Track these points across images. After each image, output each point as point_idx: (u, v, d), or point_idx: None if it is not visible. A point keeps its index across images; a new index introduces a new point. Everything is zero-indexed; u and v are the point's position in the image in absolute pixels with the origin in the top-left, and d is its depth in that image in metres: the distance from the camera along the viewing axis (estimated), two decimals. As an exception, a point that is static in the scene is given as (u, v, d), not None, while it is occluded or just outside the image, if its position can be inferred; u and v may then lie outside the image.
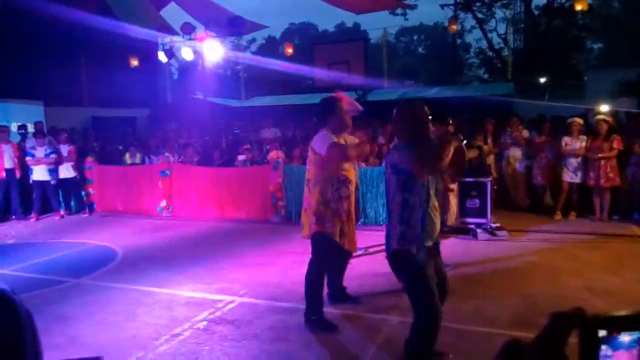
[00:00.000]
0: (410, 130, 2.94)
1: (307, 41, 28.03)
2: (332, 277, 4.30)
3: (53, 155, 9.06)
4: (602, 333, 0.93)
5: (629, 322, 0.95)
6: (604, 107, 9.49)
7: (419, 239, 2.83)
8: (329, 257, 3.92)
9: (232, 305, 4.51)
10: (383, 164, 3.11)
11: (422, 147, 2.82)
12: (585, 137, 7.56)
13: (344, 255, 4.13)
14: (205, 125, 12.89)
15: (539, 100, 14.17)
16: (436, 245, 2.99)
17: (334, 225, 3.77)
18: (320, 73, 13.85)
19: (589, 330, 0.94)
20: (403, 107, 3.03)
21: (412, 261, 2.83)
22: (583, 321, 0.95)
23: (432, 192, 2.91)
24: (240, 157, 9.39)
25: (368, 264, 5.39)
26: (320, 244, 3.84)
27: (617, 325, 0.94)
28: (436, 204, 2.94)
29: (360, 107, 4.31)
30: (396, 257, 2.90)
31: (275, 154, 8.39)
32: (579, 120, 7.80)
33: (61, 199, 9.40)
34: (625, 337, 0.93)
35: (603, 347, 0.93)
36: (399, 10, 26.50)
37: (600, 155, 7.29)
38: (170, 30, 12.78)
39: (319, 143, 3.77)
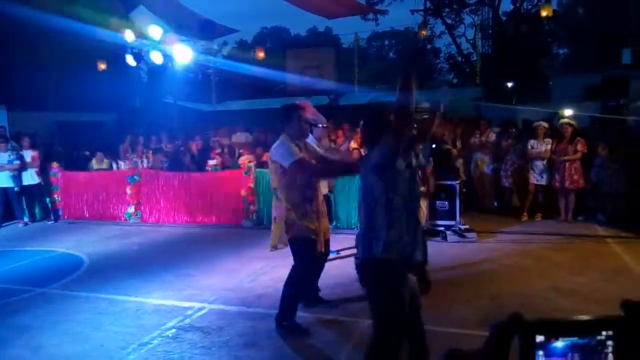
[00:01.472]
0: (381, 136, 2.71)
1: (280, 45, 28.01)
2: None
3: (17, 162, 8.79)
4: (539, 338, 0.94)
5: (564, 328, 0.96)
6: (569, 111, 9.74)
7: (405, 247, 2.57)
8: (310, 259, 3.89)
9: (202, 312, 4.44)
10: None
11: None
12: (550, 140, 7.75)
13: (320, 257, 4.11)
14: (176, 130, 12.71)
15: (507, 105, 14.48)
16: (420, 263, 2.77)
17: (306, 228, 3.76)
18: (292, 77, 13.88)
19: (527, 335, 0.95)
20: (374, 112, 2.96)
21: (392, 272, 2.56)
22: (522, 327, 0.96)
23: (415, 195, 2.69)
24: (211, 162, 9.30)
25: (340, 268, 5.39)
26: (299, 248, 3.83)
27: (554, 331, 0.95)
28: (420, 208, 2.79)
29: (324, 120, 4.34)
30: (374, 264, 2.60)
31: (247, 159, 8.34)
32: (544, 124, 8.00)
33: (25, 206, 9.12)
34: (560, 344, 0.94)
35: (540, 352, 0.94)
36: (370, 16, 26.71)
37: (565, 157, 7.49)
38: (139, 34, 12.58)
39: (278, 152, 3.77)
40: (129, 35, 11.48)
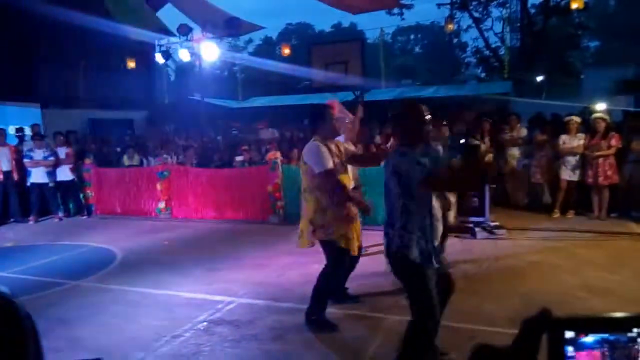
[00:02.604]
0: (410, 133, 2.85)
1: (304, 41, 28.06)
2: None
3: (51, 158, 9.05)
4: (569, 334, 0.94)
5: (594, 324, 0.96)
6: (601, 105, 9.52)
7: (418, 242, 2.76)
8: (338, 263, 3.91)
9: (231, 306, 4.51)
10: (382, 165, 3.02)
11: (437, 168, 2.74)
12: (583, 135, 7.58)
13: (351, 259, 4.12)
14: (203, 127, 12.89)
15: (536, 99, 14.20)
16: (441, 247, 2.94)
17: (335, 232, 3.75)
18: (317, 73, 13.86)
19: (556, 331, 0.95)
20: (402, 109, 2.99)
21: (411, 264, 2.77)
22: (551, 323, 0.96)
23: (434, 197, 2.83)
24: (238, 158, 9.40)
25: (368, 264, 5.39)
26: (329, 251, 3.85)
27: (584, 327, 0.95)
28: (437, 209, 2.85)
29: (351, 115, 4.36)
30: (395, 259, 2.86)
31: (273, 155, 8.40)
32: (577, 119, 7.82)
33: (59, 201, 9.39)
34: (589, 339, 0.94)
35: (569, 348, 0.94)
36: (395, 10, 26.49)
37: (598, 153, 7.31)
38: (167, 32, 12.79)
39: (310, 156, 3.78)
40: (157, 33, 11.67)
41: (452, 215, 6.50)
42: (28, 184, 9.10)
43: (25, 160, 8.99)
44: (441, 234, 2.91)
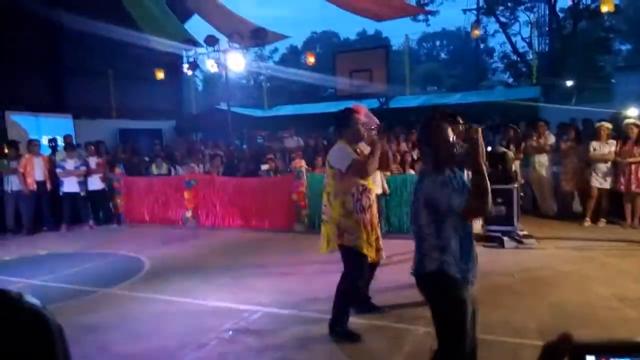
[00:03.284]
0: (436, 151, 2.55)
1: (329, 50, 28.15)
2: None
3: (83, 168, 9.29)
4: (590, 359, 0.93)
5: (616, 349, 0.94)
6: (633, 111, 9.26)
7: (459, 264, 2.50)
8: (360, 269, 3.90)
9: (256, 315, 4.53)
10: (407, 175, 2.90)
11: (468, 191, 2.46)
12: (614, 142, 7.40)
13: (371, 266, 4.11)
14: (230, 136, 13.04)
15: (566, 104, 13.90)
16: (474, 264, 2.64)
17: (359, 237, 3.76)
18: (342, 81, 13.90)
19: (577, 356, 0.94)
20: (426, 125, 2.70)
21: (452, 288, 2.50)
22: (572, 347, 0.95)
23: None
24: (264, 167, 9.47)
25: (392, 274, 5.35)
26: (349, 256, 3.84)
27: (605, 351, 0.94)
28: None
29: (377, 120, 4.33)
30: (432, 280, 2.56)
31: (298, 163, 8.44)
32: (608, 125, 7.63)
33: (90, 210, 9.61)
34: None
35: None
36: (420, 17, 26.41)
37: (630, 159, 7.12)
38: (194, 43, 13.01)
39: (336, 158, 3.81)
40: (185, 45, 11.90)
41: (478, 224, 6.42)
42: (60, 193, 9.35)
43: (58, 170, 9.25)
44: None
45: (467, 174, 3.86)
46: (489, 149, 7.62)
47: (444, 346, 2.57)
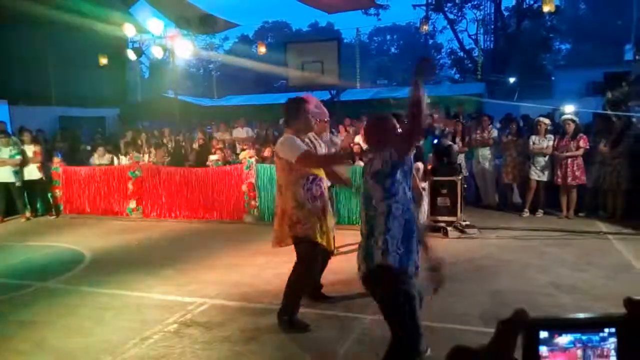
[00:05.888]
0: (383, 141, 2.71)
1: (281, 40, 27.91)
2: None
3: (18, 157, 8.80)
4: (543, 334, 0.97)
5: (568, 325, 0.99)
6: (571, 107, 9.73)
7: (405, 250, 2.58)
8: (314, 259, 3.88)
9: (203, 307, 4.45)
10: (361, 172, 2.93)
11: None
12: (552, 137, 7.73)
13: (325, 255, 4.09)
14: (177, 125, 12.72)
15: (509, 100, 14.44)
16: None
17: (312, 227, 3.74)
18: (293, 73, 13.83)
19: (531, 332, 0.97)
20: (371, 121, 2.93)
21: (397, 277, 2.56)
22: (526, 323, 0.98)
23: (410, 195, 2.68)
24: (212, 157, 9.30)
25: (340, 264, 5.39)
26: (303, 248, 3.81)
27: (558, 327, 0.98)
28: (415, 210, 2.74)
29: (327, 113, 4.31)
30: (378, 273, 2.60)
31: (248, 154, 8.33)
32: (546, 120, 7.97)
33: (27, 201, 9.13)
34: (563, 339, 0.97)
35: (544, 348, 0.96)
36: (372, 11, 26.67)
37: (566, 154, 7.47)
38: (140, 29, 12.56)
39: (285, 149, 3.75)
40: (129, 30, 11.47)
41: (424, 215, 6.57)
42: (-7, 182, 8.82)
43: (-10, 159, 8.72)
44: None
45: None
46: (435, 141, 7.82)
47: (401, 335, 2.61)
